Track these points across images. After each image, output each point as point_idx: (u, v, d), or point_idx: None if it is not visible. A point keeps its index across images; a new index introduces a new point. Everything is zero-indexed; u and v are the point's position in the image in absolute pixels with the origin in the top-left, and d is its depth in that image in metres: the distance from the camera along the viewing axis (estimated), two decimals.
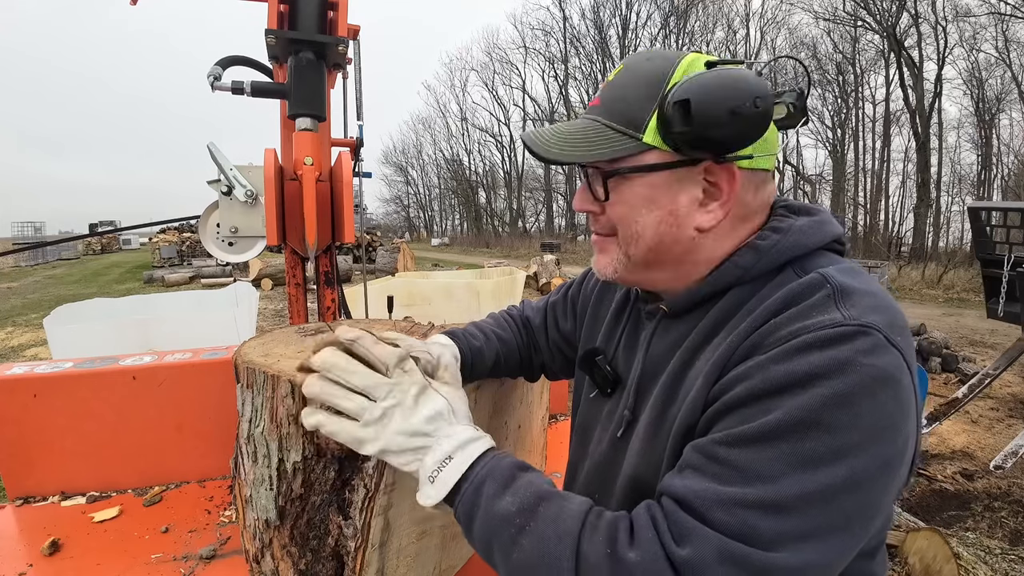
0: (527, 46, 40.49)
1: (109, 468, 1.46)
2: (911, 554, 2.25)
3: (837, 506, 0.51)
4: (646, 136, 0.65)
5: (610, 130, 0.67)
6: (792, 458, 0.51)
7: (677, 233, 0.68)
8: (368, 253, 16.58)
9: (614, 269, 0.74)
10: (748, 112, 0.60)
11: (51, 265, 22.28)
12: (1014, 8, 20.11)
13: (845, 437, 0.51)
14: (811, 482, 0.51)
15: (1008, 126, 24.89)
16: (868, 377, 0.52)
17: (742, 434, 0.54)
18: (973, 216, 5.36)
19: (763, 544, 0.50)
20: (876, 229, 25.60)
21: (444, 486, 0.63)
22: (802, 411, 0.52)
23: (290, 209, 1.60)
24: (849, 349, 0.53)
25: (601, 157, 0.67)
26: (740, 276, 0.67)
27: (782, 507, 0.50)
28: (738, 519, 0.51)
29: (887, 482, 0.54)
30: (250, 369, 0.95)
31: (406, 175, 59.21)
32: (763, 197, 0.70)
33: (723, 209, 0.67)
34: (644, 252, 0.70)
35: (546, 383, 1.38)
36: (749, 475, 0.52)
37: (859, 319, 0.56)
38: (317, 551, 0.90)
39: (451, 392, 0.74)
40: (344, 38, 1.61)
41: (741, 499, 0.51)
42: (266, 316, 8.90)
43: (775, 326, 0.60)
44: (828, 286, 0.61)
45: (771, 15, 29.84)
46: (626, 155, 0.67)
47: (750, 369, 0.58)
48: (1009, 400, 5.26)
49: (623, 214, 0.70)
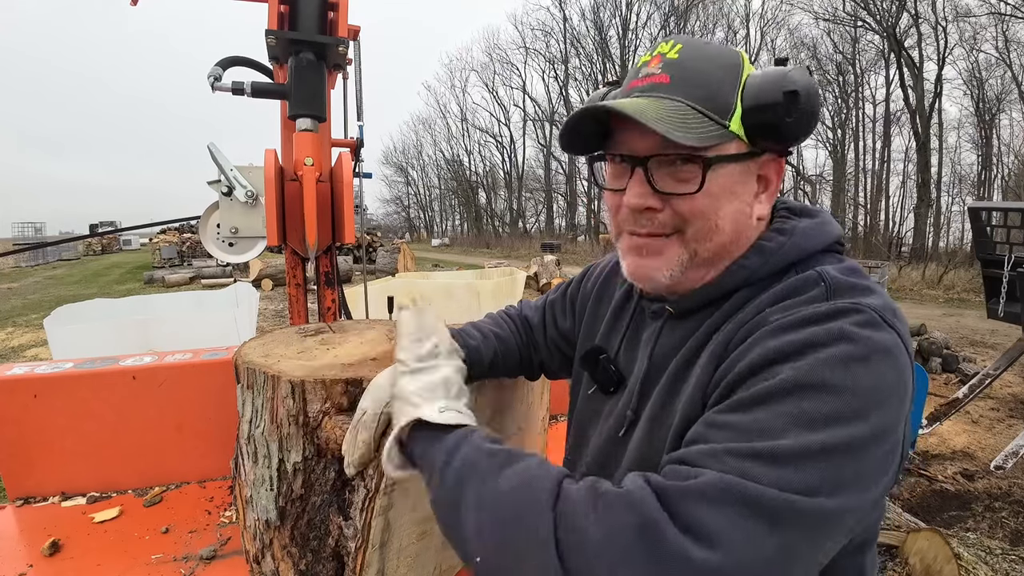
0: (527, 46, 40.52)
1: (109, 468, 1.46)
2: (912, 555, 2.24)
3: (834, 466, 0.49)
4: (732, 124, 0.65)
5: (702, 116, 0.64)
6: (792, 417, 0.51)
7: (747, 224, 0.69)
8: (368, 253, 16.59)
9: (671, 273, 0.70)
10: (814, 108, 0.65)
11: (51, 266, 22.30)
12: (1014, 8, 20.11)
13: (843, 400, 0.51)
14: (808, 439, 0.49)
15: (1008, 126, 24.89)
16: (864, 347, 0.54)
17: (740, 400, 0.55)
18: (973, 216, 5.36)
19: (763, 484, 0.48)
20: (876, 229, 25.60)
21: (445, 415, 0.66)
22: (800, 373, 0.53)
23: (290, 209, 1.60)
24: (845, 321, 0.55)
25: (701, 142, 0.63)
26: (747, 278, 0.68)
27: (779, 458, 0.49)
28: (736, 466, 0.49)
29: (884, 453, 0.52)
30: (250, 370, 0.95)
31: (406, 175, 59.24)
32: (778, 190, 0.73)
33: (770, 201, 0.70)
34: (718, 247, 0.68)
35: (546, 384, 1.38)
36: (750, 432, 0.51)
37: (851, 301, 0.58)
38: (317, 551, 0.90)
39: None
40: (344, 39, 1.62)
41: (739, 450, 0.50)
42: (266, 316, 8.90)
43: (769, 313, 0.62)
44: (823, 283, 0.62)
45: (771, 15, 29.85)
46: (715, 143, 0.64)
47: (749, 347, 0.59)
48: (1009, 400, 5.26)
49: (705, 206, 0.66)
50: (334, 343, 1.12)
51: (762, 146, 0.67)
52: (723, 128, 0.64)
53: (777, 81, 0.64)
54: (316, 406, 0.88)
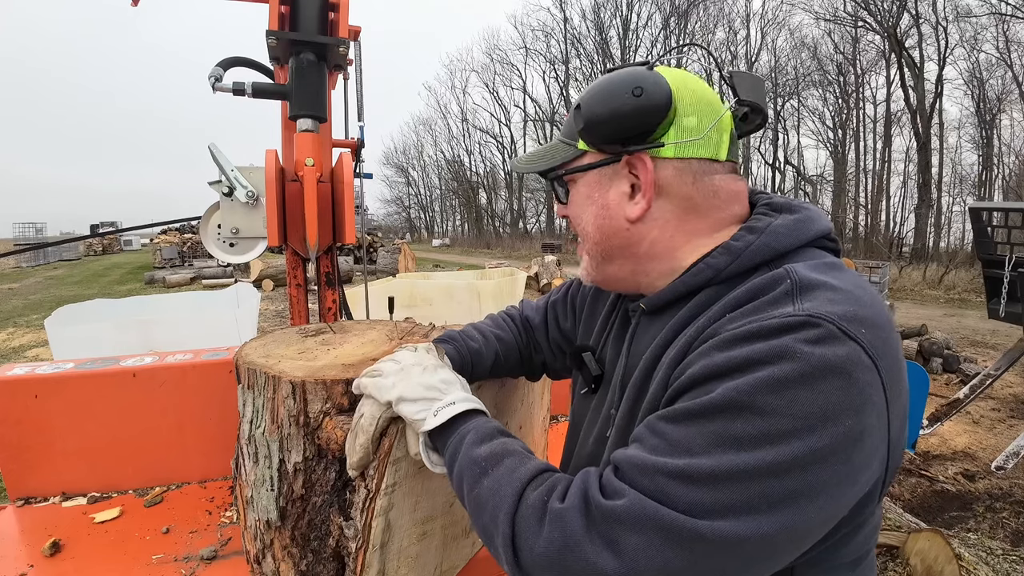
0: (528, 47, 40.50)
1: (110, 469, 1.46)
2: (913, 555, 2.24)
3: (758, 488, 0.50)
4: (580, 143, 0.74)
5: (560, 144, 0.78)
6: (718, 436, 0.52)
7: (613, 225, 0.74)
8: (369, 254, 16.58)
9: (586, 271, 0.81)
10: (627, 103, 0.66)
11: (52, 266, 22.30)
12: (1015, 8, 20.09)
13: (775, 423, 0.51)
14: (729, 461, 0.51)
15: (1009, 126, 24.84)
16: (808, 365, 0.51)
17: (678, 411, 0.57)
18: (974, 216, 5.35)
19: (675, 507, 0.52)
20: (877, 230, 25.54)
21: (443, 417, 0.72)
22: (736, 392, 0.53)
23: (291, 210, 1.60)
24: (791, 338, 0.53)
25: (548, 166, 0.78)
26: (712, 277, 0.68)
27: (698, 479, 0.51)
28: (656, 485, 0.53)
29: (833, 472, 0.51)
30: (251, 370, 0.95)
31: (407, 176, 59.16)
32: (709, 188, 0.70)
33: (645, 198, 0.70)
34: (593, 246, 0.77)
35: (546, 384, 1.38)
36: (675, 448, 0.55)
37: (809, 311, 0.55)
38: (318, 552, 0.90)
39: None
40: (345, 39, 1.62)
41: (662, 467, 0.54)
42: (267, 317, 8.90)
43: (730, 320, 0.61)
44: (788, 281, 0.60)
45: (771, 16, 29.83)
46: (566, 161, 0.77)
47: (698, 356, 0.60)
48: (1010, 401, 5.25)
49: (573, 214, 0.79)
50: (335, 343, 1.12)
51: (613, 151, 0.71)
52: (573, 147, 0.75)
53: (589, 94, 0.70)
54: (317, 406, 0.88)
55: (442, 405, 0.74)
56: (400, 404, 0.76)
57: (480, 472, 0.65)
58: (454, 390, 0.77)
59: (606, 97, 0.68)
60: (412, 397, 0.75)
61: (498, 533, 0.60)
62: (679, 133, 0.68)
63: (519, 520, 0.60)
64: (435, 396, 0.75)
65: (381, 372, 0.80)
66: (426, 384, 0.76)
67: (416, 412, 0.74)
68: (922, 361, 6.06)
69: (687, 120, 0.68)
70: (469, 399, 0.76)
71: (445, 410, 0.73)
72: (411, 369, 0.79)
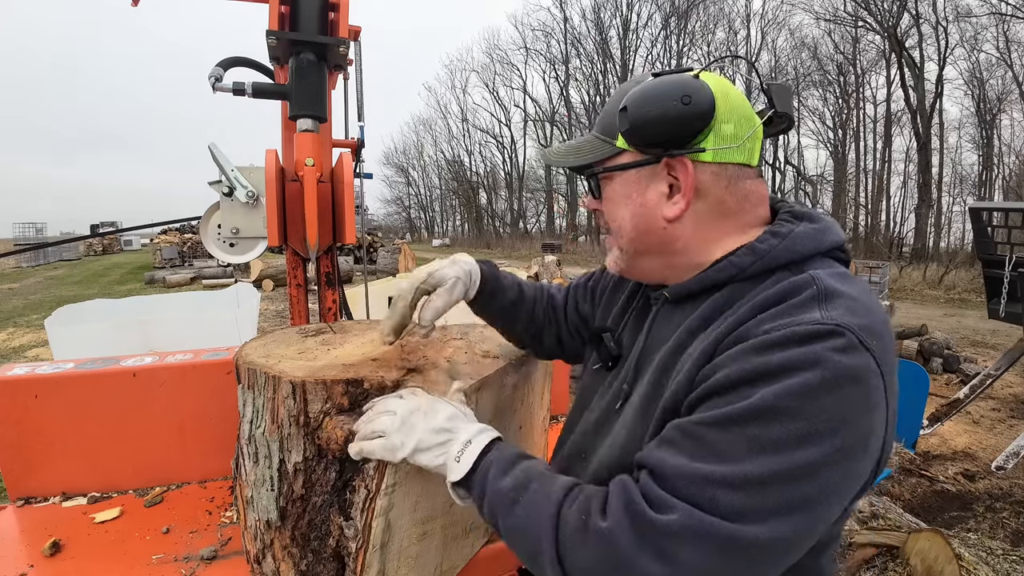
0: (528, 47, 40.46)
1: (110, 469, 1.46)
2: (913, 555, 2.24)
3: (797, 488, 0.55)
4: (619, 141, 0.77)
5: (597, 140, 0.80)
6: (758, 441, 0.56)
7: (649, 223, 0.77)
8: (369, 254, 16.59)
9: (615, 262, 0.85)
10: (675, 109, 0.69)
11: (52, 266, 22.29)
12: (1015, 8, 20.09)
13: (806, 426, 0.55)
14: (773, 464, 0.55)
15: (1009, 126, 24.80)
16: (836, 373, 0.56)
17: (717, 416, 0.60)
18: (974, 216, 5.36)
19: (726, 516, 0.55)
20: (877, 230, 25.53)
21: (467, 463, 0.74)
22: (774, 397, 0.57)
23: (291, 210, 1.60)
24: (821, 346, 0.58)
25: (585, 161, 0.81)
26: (735, 275, 0.73)
27: (744, 485, 0.55)
28: (705, 494, 0.56)
29: (846, 471, 0.57)
30: (251, 370, 0.95)
31: (407, 176, 59.08)
32: (741, 192, 0.75)
33: (684, 199, 0.74)
34: (628, 242, 0.80)
35: (547, 384, 1.39)
36: (718, 454, 0.58)
37: (836, 320, 0.60)
38: (318, 552, 0.90)
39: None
40: (345, 39, 1.61)
41: (708, 475, 0.57)
42: (267, 317, 8.90)
43: (760, 321, 0.65)
44: (815, 287, 0.65)
45: (771, 16, 29.81)
46: (605, 158, 0.79)
47: (732, 357, 0.63)
48: (1011, 401, 5.25)
49: (609, 210, 0.82)
50: (335, 343, 1.12)
51: (654, 152, 0.74)
52: (611, 145, 0.78)
53: (637, 97, 0.72)
54: (317, 406, 0.88)
55: (458, 448, 0.75)
56: (416, 455, 0.77)
57: (511, 502, 0.68)
58: (462, 424, 0.79)
59: (655, 102, 0.70)
60: (426, 446, 0.77)
61: (544, 556, 0.63)
62: (718, 140, 0.72)
63: (562, 540, 0.63)
64: (447, 438, 0.77)
65: (384, 431, 0.79)
66: (434, 428, 0.78)
67: (435, 459, 0.77)
68: (922, 361, 6.06)
69: (726, 127, 0.72)
70: (480, 431, 0.77)
71: (466, 454, 0.74)
72: (412, 418, 0.79)
